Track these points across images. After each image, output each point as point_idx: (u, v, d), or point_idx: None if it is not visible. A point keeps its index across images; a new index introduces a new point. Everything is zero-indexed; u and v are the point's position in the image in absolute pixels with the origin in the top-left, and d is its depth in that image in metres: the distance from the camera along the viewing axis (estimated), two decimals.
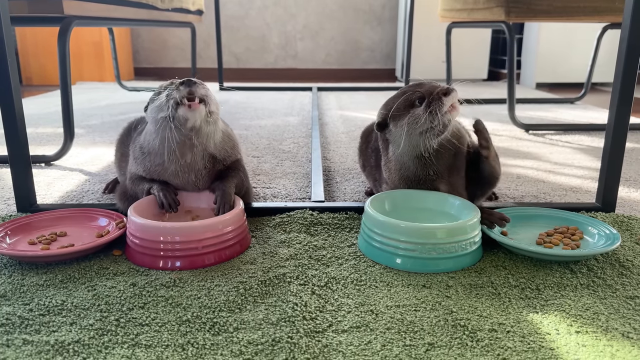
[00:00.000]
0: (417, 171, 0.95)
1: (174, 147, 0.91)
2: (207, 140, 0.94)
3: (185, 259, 0.82)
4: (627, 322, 0.67)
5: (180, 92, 0.88)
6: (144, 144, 0.96)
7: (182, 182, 0.96)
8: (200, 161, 0.95)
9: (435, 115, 0.87)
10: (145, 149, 0.96)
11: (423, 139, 0.90)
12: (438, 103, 0.88)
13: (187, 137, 0.91)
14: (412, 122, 0.90)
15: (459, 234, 0.82)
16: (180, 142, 0.91)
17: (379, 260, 0.84)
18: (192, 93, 0.88)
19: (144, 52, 4.03)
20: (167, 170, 0.94)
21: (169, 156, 0.92)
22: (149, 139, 0.95)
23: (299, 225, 0.96)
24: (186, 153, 0.93)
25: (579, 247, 0.86)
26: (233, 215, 0.86)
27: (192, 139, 0.91)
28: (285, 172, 1.39)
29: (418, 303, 0.71)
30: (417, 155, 0.93)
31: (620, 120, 1.01)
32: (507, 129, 1.99)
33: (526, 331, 0.65)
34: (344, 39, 4.08)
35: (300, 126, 2.04)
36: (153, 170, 0.95)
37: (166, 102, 0.88)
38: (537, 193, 1.23)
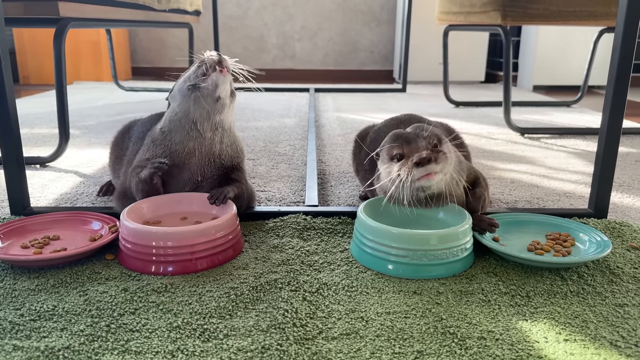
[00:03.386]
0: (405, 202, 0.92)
1: (197, 118, 0.95)
2: (225, 120, 0.99)
3: (177, 264, 0.82)
4: (616, 330, 0.68)
5: (212, 59, 0.94)
6: (164, 126, 0.99)
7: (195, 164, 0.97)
8: (217, 144, 0.98)
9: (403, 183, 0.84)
10: (166, 129, 0.98)
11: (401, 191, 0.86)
12: (408, 172, 0.83)
13: (212, 110, 0.95)
14: (387, 173, 0.88)
15: (451, 241, 0.82)
16: (205, 112, 0.95)
17: (370, 266, 0.84)
18: (221, 61, 0.95)
19: (141, 51, 4.03)
20: (185, 148, 0.96)
21: (192, 131, 0.96)
22: (171, 117, 0.98)
23: (292, 230, 0.96)
24: (207, 129, 0.96)
25: (570, 254, 0.87)
26: (225, 220, 0.86)
27: (216, 115, 0.96)
28: (281, 175, 1.39)
29: (408, 310, 0.72)
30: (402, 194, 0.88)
31: (612, 125, 1.01)
32: (503, 132, 1.99)
33: (515, 339, 0.66)
34: (342, 39, 4.08)
35: (297, 128, 2.04)
36: (174, 151, 0.96)
37: (197, 70, 0.94)
38: (531, 198, 1.23)
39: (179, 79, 0.99)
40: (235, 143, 1.03)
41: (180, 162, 0.97)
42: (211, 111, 0.95)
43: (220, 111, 0.97)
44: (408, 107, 2.64)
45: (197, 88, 0.94)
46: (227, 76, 0.95)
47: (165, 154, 0.96)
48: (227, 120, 1.00)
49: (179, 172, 0.97)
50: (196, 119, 0.95)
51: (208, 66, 0.94)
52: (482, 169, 1.48)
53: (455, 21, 2.21)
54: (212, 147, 0.98)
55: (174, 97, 0.99)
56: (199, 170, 0.97)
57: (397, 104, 2.76)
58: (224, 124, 0.99)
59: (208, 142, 0.97)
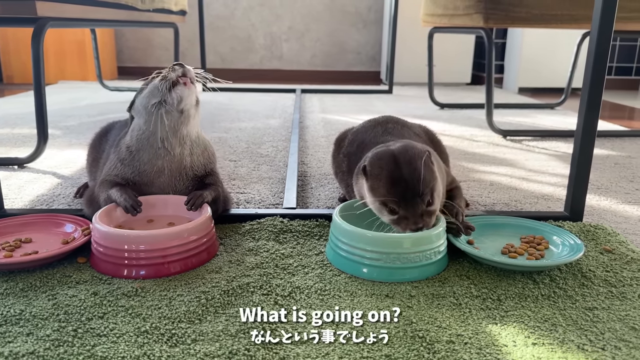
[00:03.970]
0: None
1: (163, 136, 0.93)
2: (192, 131, 0.97)
3: (150, 267, 0.81)
4: (584, 333, 0.68)
5: (175, 72, 0.92)
6: (131, 144, 0.97)
7: (165, 182, 0.96)
8: (187, 157, 0.97)
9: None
10: (133, 148, 0.96)
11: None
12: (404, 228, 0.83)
13: (177, 124, 0.93)
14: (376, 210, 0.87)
15: (424, 244, 0.82)
16: (171, 128, 0.93)
17: (345, 270, 0.84)
18: (185, 74, 0.93)
19: (128, 51, 4.00)
20: (154, 167, 0.95)
21: (159, 149, 0.94)
22: (138, 135, 0.96)
23: (268, 232, 0.96)
24: (175, 145, 0.95)
25: (543, 257, 0.87)
26: (199, 224, 0.86)
27: (182, 128, 0.95)
28: (261, 177, 1.39)
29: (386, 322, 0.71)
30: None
31: (588, 128, 1.02)
32: (486, 134, 2.00)
33: (483, 343, 0.66)
34: (329, 40, 4.08)
35: (281, 129, 2.03)
36: (142, 171, 0.95)
37: (160, 85, 0.92)
38: (509, 201, 1.24)
39: (141, 92, 0.96)
40: (206, 150, 1.02)
41: (149, 180, 0.96)
42: (177, 125, 0.94)
43: (186, 123, 0.95)
44: (393, 108, 2.65)
45: (163, 104, 0.92)
46: (192, 87, 0.93)
47: (134, 174, 0.95)
48: (194, 130, 0.98)
49: (148, 190, 0.97)
50: (163, 137, 0.93)
51: (172, 81, 0.91)
52: (462, 171, 1.49)
53: (439, 23, 2.22)
54: (182, 162, 0.96)
55: (138, 113, 0.96)
56: (170, 186, 0.97)
57: (382, 105, 2.77)
58: (191, 135, 0.97)
59: (177, 158, 0.96)
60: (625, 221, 1.14)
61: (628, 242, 0.97)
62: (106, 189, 0.95)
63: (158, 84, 0.93)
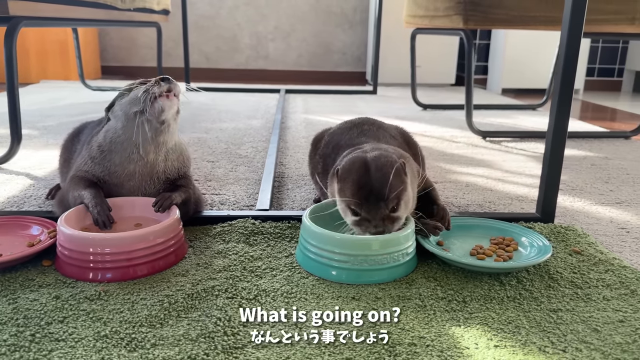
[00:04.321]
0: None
1: (140, 142, 0.92)
2: (169, 140, 0.97)
3: (115, 270, 0.80)
4: (547, 335, 0.68)
5: (161, 87, 0.91)
6: (104, 143, 0.96)
7: (135, 185, 0.95)
8: (161, 162, 0.96)
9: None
10: (105, 148, 0.95)
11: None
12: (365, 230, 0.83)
13: (156, 133, 0.93)
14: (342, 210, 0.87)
15: (392, 246, 0.82)
16: (148, 137, 0.92)
17: (314, 272, 0.84)
18: (170, 90, 0.92)
19: (112, 50, 3.97)
20: (125, 170, 0.94)
21: (132, 154, 0.93)
22: (112, 137, 0.95)
23: (239, 235, 0.96)
24: (150, 152, 0.94)
25: (511, 259, 0.88)
26: (166, 226, 0.85)
27: (160, 137, 0.94)
28: (238, 178, 1.38)
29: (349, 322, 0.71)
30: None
31: (558, 129, 1.03)
32: (466, 135, 2.01)
33: (445, 345, 0.66)
34: (315, 40, 4.07)
35: (262, 130, 2.03)
36: (112, 172, 0.94)
37: (143, 96, 0.91)
38: (483, 202, 1.24)
39: (122, 97, 0.94)
40: (182, 154, 1.01)
41: (119, 182, 0.95)
42: (155, 134, 0.93)
43: (165, 132, 0.94)
44: (377, 109, 2.65)
45: (144, 113, 0.91)
46: (174, 100, 0.93)
47: (104, 173, 0.94)
48: (172, 138, 0.97)
49: (118, 191, 0.96)
50: (139, 143, 0.92)
51: (157, 94, 0.90)
52: (439, 173, 1.49)
53: (421, 24, 2.23)
54: (155, 167, 0.96)
55: (116, 116, 0.95)
56: (140, 189, 0.96)
57: (366, 106, 2.77)
58: (168, 143, 0.96)
59: (151, 163, 0.95)
60: (597, 222, 1.14)
61: (597, 244, 0.98)
62: (78, 188, 0.94)
63: (140, 95, 0.91)
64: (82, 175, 0.95)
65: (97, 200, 0.91)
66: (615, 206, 1.25)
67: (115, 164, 0.94)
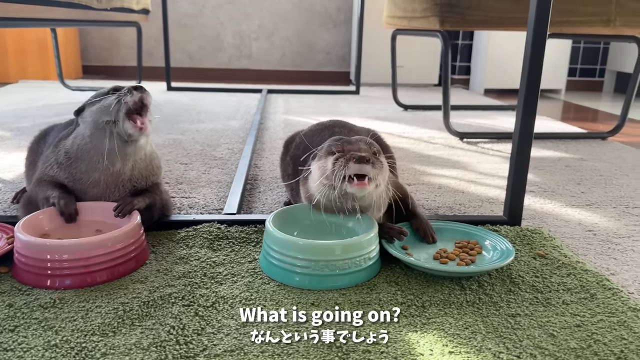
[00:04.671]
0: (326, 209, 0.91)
1: (106, 152, 0.90)
2: (139, 151, 0.95)
3: (74, 277, 0.79)
4: (502, 341, 0.69)
5: (133, 97, 0.88)
6: (71, 149, 0.94)
7: (100, 193, 0.94)
8: (128, 171, 0.94)
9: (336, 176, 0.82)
10: (72, 154, 0.94)
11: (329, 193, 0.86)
12: (343, 165, 0.82)
13: (124, 145, 0.91)
14: (321, 169, 0.87)
15: (354, 250, 0.82)
16: (115, 148, 0.90)
17: (277, 278, 0.83)
18: (143, 100, 0.89)
19: (93, 50, 3.93)
20: (90, 178, 0.93)
21: (98, 164, 0.91)
22: (80, 144, 0.93)
23: (203, 239, 0.95)
24: (117, 162, 0.92)
25: (474, 263, 0.88)
26: (125, 232, 0.84)
27: (128, 148, 0.92)
28: (211, 181, 1.37)
29: (302, 322, 0.71)
30: (328, 199, 0.88)
31: (524, 131, 1.03)
32: (444, 136, 2.02)
33: (400, 351, 0.66)
34: (299, 40, 4.06)
35: (240, 131, 2.02)
36: (77, 179, 0.93)
37: (115, 106, 0.88)
38: (453, 204, 1.25)
39: (93, 104, 0.92)
40: (151, 164, 0.99)
41: (83, 189, 0.94)
42: (123, 146, 0.91)
43: (133, 145, 0.92)
44: (358, 109, 2.65)
45: (114, 124, 0.89)
46: (144, 127, 0.90)
47: (69, 180, 0.93)
48: (141, 150, 0.95)
49: (82, 197, 0.94)
50: (107, 153, 0.90)
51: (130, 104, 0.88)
52: (414, 175, 1.49)
53: (400, 25, 2.22)
54: (121, 176, 0.94)
55: (85, 122, 0.92)
56: (104, 197, 0.94)
57: (347, 106, 2.77)
58: (136, 155, 0.94)
59: (116, 173, 0.93)
60: (565, 225, 1.15)
61: (562, 247, 0.98)
62: (47, 189, 0.93)
63: (113, 105, 0.88)
64: (48, 179, 0.94)
65: (65, 195, 0.91)
66: (585, 208, 1.26)
67: (81, 172, 0.93)
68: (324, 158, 0.87)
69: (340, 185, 0.82)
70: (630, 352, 0.67)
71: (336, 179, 0.82)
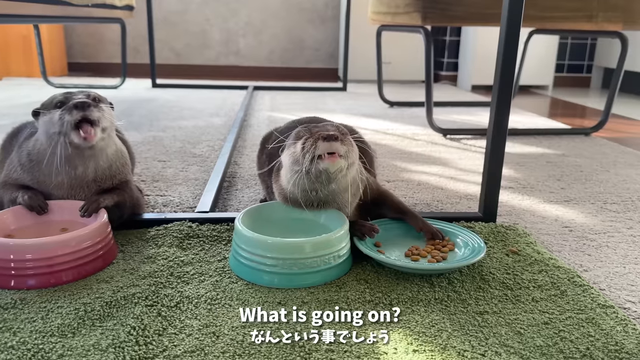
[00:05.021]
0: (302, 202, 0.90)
1: (63, 159, 0.88)
2: (99, 153, 0.93)
3: (38, 277, 0.78)
4: (468, 339, 0.68)
5: (73, 116, 0.85)
6: (32, 152, 0.93)
7: (65, 194, 0.93)
8: (91, 173, 0.93)
9: (307, 157, 0.82)
10: (33, 157, 0.92)
11: (302, 179, 0.85)
12: (312, 145, 0.82)
13: (80, 151, 0.89)
14: (291, 154, 0.86)
15: (323, 248, 0.81)
16: (72, 155, 0.89)
17: (247, 278, 0.82)
18: (87, 118, 0.86)
19: (78, 47, 3.89)
20: (54, 180, 0.92)
21: (59, 168, 0.90)
22: (39, 148, 0.92)
23: (172, 238, 0.93)
24: (78, 166, 0.91)
25: (445, 259, 0.87)
26: (90, 231, 0.83)
27: (85, 152, 0.90)
28: (188, 178, 1.36)
29: (266, 322, 0.70)
30: (302, 189, 0.88)
31: (499, 127, 1.03)
32: (427, 133, 2.01)
33: (364, 350, 0.65)
34: (287, 36, 4.05)
35: (222, 128, 2.00)
36: (41, 181, 0.92)
37: (58, 122, 0.86)
38: (431, 201, 1.24)
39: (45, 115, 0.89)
40: (117, 162, 0.96)
41: (47, 191, 0.93)
42: (80, 152, 0.89)
43: (92, 147, 0.90)
44: (344, 106, 2.64)
45: (64, 136, 0.86)
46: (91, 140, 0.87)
47: (32, 182, 0.92)
48: (102, 153, 0.93)
49: (48, 198, 0.93)
50: (64, 159, 0.88)
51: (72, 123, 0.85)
52: (394, 172, 1.48)
53: (384, 21, 2.21)
54: (85, 178, 0.92)
55: (39, 127, 0.91)
56: (70, 198, 0.93)
57: (334, 103, 2.76)
58: (97, 157, 0.92)
59: (79, 175, 0.91)
60: (542, 221, 1.15)
61: (536, 243, 0.98)
62: (11, 191, 0.92)
63: (57, 118, 0.86)
64: (13, 182, 0.93)
65: (30, 190, 0.91)
66: (563, 204, 1.26)
67: (44, 174, 0.92)
68: (292, 145, 0.86)
69: (311, 166, 0.82)
70: (596, 349, 0.66)
71: (307, 160, 0.81)
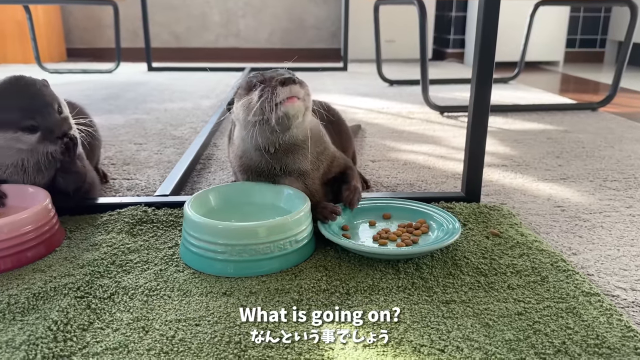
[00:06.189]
0: (260, 164, 0.86)
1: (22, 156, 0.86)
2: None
3: None
4: (428, 332, 0.60)
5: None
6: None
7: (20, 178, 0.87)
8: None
9: (265, 104, 0.77)
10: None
11: (260, 130, 0.79)
12: (271, 92, 0.77)
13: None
14: (246, 106, 0.80)
15: (277, 233, 0.74)
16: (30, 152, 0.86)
17: (196, 267, 0.75)
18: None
19: (77, 31, 3.84)
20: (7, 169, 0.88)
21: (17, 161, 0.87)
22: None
23: (124, 224, 0.87)
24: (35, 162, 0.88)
25: (416, 243, 0.79)
26: (31, 214, 0.77)
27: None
28: (161, 161, 1.29)
29: (205, 315, 0.63)
30: (259, 148, 0.84)
31: (479, 103, 0.94)
32: (424, 111, 1.92)
33: (310, 345, 0.58)
34: (287, 15, 3.94)
35: (210, 110, 1.93)
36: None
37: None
38: (415, 181, 1.16)
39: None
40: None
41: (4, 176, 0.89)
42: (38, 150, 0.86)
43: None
44: (342, 86, 2.55)
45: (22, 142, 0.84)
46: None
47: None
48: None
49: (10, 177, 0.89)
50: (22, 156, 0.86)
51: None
52: (381, 151, 1.40)
53: None
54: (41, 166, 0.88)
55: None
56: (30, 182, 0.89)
57: (332, 83, 2.67)
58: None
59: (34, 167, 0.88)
60: (532, 200, 1.06)
61: (521, 225, 0.89)
62: None
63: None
64: None
65: None
66: (559, 182, 1.17)
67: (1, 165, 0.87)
68: (245, 95, 0.80)
69: (272, 115, 0.76)
70: (573, 344, 0.58)
71: (268, 108, 0.76)
